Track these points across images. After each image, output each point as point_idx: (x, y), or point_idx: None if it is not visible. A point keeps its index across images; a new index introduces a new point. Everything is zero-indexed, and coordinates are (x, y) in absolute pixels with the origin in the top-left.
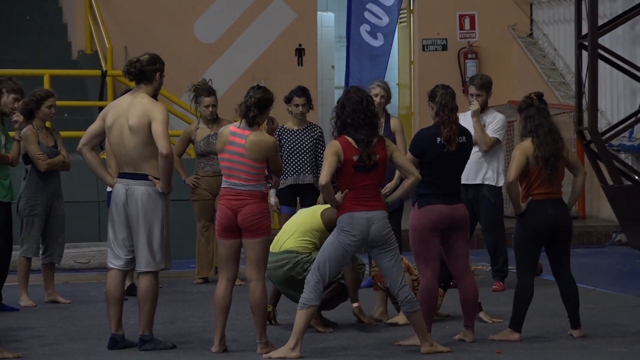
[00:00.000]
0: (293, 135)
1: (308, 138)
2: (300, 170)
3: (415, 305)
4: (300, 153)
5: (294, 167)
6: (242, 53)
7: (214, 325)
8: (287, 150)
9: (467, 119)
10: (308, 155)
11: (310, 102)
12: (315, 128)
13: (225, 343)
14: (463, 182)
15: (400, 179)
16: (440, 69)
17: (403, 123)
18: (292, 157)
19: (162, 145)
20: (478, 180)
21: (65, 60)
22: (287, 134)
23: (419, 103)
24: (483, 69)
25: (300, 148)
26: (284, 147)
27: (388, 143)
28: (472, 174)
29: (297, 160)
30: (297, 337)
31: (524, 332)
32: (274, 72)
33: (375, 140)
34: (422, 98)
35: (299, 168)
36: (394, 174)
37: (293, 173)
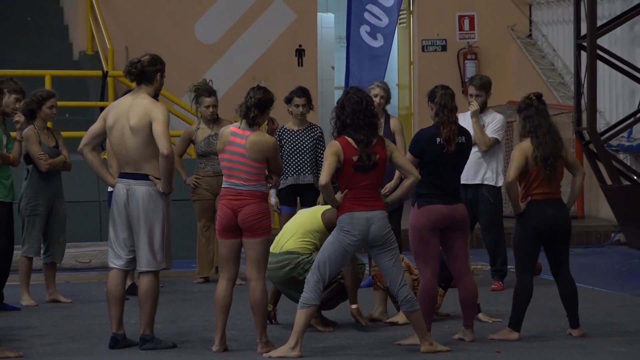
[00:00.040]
0: (293, 136)
1: (308, 138)
2: (301, 171)
3: (415, 305)
4: (301, 153)
5: (294, 167)
6: (242, 54)
7: (215, 325)
8: (287, 151)
9: (466, 120)
10: (308, 156)
11: (311, 102)
12: (316, 128)
13: (226, 342)
14: (462, 182)
15: (400, 179)
16: (440, 70)
17: (403, 123)
18: (292, 157)
19: (163, 146)
20: (477, 180)
21: (67, 61)
22: (287, 134)
23: (419, 103)
24: (482, 70)
25: (301, 148)
26: (284, 147)
27: (388, 143)
28: (471, 174)
29: (297, 161)
30: (297, 336)
31: (523, 331)
32: (274, 72)
33: (375, 141)
34: (421, 98)
35: (299, 168)
36: (394, 174)
37: (293, 173)
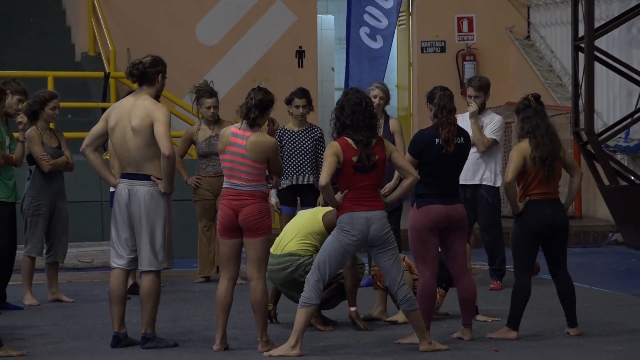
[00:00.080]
0: (293, 136)
1: (308, 139)
2: (301, 171)
3: (414, 304)
4: (301, 154)
5: (295, 167)
6: (243, 55)
7: (216, 324)
8: (287, 151)
9: (465, 120)
10: (308, 156)
11: (311, 103)
12: (316, 129)
13: (227, 341)
14: (461, 182)
15: (399, 179)
16: (439, 71)
17: (402, 124)
18: (292, 157)
19: (164, 146)
20: (476, 181)
21: (69, 62)
22: (287, 135)
23: (418, 104)
24: (481, 71)
25: (301, 149)
26: (285, 148)
27: (387, 144)
28: (470, 175)
29: (297, 161)
30: (297, 335)
31: (522, 330)
32: (275, 73)
33: (374, 141)
34: (420, 99)
35: (300, 169)
36: (393, 174)
37: (293, 173)
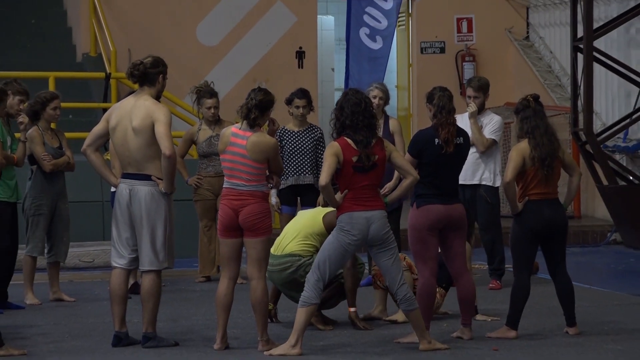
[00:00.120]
0: (294, 137)
1: (308, 139)
2: (301, 171)
3: (414, 304)
4: (301, 154)
5: (295, 167)
6: (243, 56)
7: (216, 323)
8: (287, 151)
9: (464, 121)
10: (308, 156)
11: (311, 103)
12: (316, 129)
13: (227, 340)
14: (460, 182)
15: (399, 179)
16: (438, 71)
17: (402, 124)
18: (292, 157)
19: (165, 146)
20: (475, 181)
21: (70, 63)
22: (287, 135)
23: (418, 105)
24: (480, 72)
25: (301, 149)
26: (285, 148)
27: (386, 144)
28: (469, 175)
29: (297, 161)
30: (297, 334)
31: (521, 329)
32: (275, 74)
33: (374, 141)
34: (420, 100)
35: (300, 169)
36: (393, 174)
37: (294, 173)
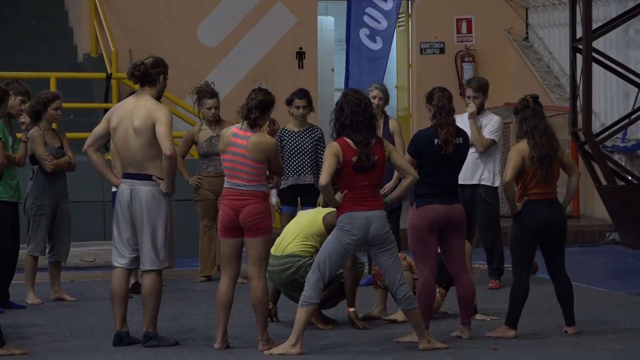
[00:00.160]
0: (294, 137)
1: (308, 139)
2: (301, 171)
3: (413, 303)
4: (301, 154)
5: (295, 167)
6: (244, 56)
7: (217, 323)
8: (288, 151)
9: (464, 121)
10: (308, 156)
11: (311, 104)
12: (316, 129)
13: (228, 340)
14: (460, 182)
15: (399, 179)
16: (438, 72)
17: (401, 125)
18: (292, 158)
19: (165, 147)
20: (474, 181)
21: (71, 63)
22: (288, 135)
23: (417, 105)
24: (480, 72)
25: (301, 149)
26: (285, 148)
27: (386, 144)
28: (468, 175)
29: (297, 161)
30: (297, 333)
31: (520, 329)
32: (275, 74)
33: (374, 142)
34: (420, 100)
35: (300, 169)
36: (392, 174)
37: (294, 173)
